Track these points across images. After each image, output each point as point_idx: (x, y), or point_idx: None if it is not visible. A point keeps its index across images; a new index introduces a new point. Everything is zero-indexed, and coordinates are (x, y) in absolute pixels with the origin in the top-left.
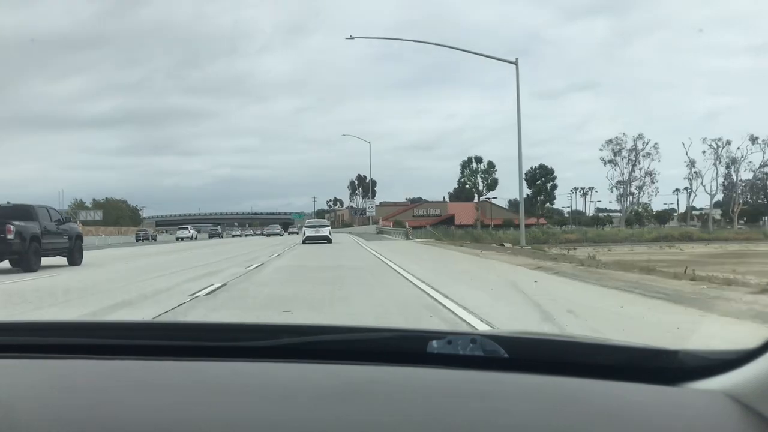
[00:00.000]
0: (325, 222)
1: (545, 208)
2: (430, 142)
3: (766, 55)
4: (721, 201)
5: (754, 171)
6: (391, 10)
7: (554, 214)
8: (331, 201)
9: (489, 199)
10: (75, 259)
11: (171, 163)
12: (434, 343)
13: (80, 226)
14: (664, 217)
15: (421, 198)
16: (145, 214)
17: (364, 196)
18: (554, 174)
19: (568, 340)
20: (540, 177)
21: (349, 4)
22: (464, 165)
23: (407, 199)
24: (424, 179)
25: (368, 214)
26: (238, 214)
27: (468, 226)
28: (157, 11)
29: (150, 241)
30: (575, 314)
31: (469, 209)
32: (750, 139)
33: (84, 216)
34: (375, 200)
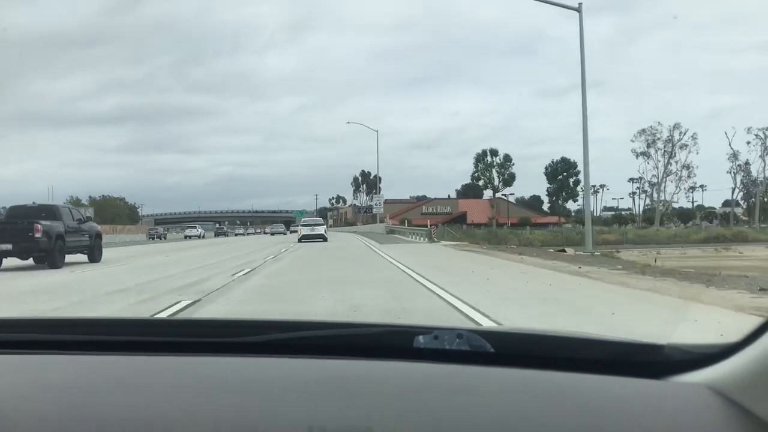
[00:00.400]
0: (320, 221)
1: (559, 206)
2: (432, 141)
3: None
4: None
5: None
6: (393, 7)
7: (565, 213)
8: (333, 199)
9: (506, 195)
10: (95, 256)
11: (173, 161)
12: (421, 338)
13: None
14: (686, 215)
15: (425, 196)
16: (144, 212)
17: (368, 193)
18: (577, 168)
19: (554, 335)
20: (562, 171)
21: (352, 1)
22: (478, 158)
23: (411, 197)
24: (426, 178)
25: (375, 211)
26: (239, 212)
27: (481, 225)
28: (159, 9)
29: (161, 240)
30: None
31: (482, 206)
32: None
33: None
34: (373, 200)
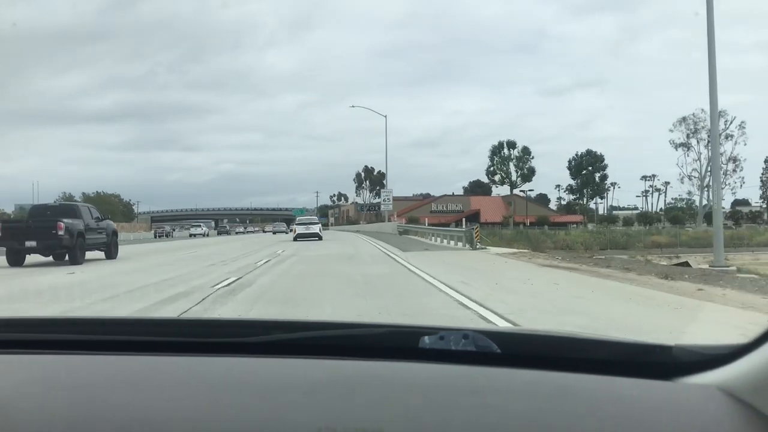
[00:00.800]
0: (315, 219)
1: (583, 204)
2: (434, 139)
3: None
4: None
5: None
6: (395, 4)
7: (583, 212)
8: (335, 196)
9: (524, 191)
10: (112, 253)
11: (174, 159)
12: (426, 338)
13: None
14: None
15: (429, 194)
16: (140, 209)
17: (371, 190)
18: (604, 162)
19: (561, 335)
20: (587, 165)
21: None
22: (494, 151)
23: (414, 195)
24: (427, 177)
25: (383, 208)
26: (238, 209)
27: (496, 224)
28: (159, 5)
29: (167, 238)
30: None
31: (496, 204)
32: None
33: None
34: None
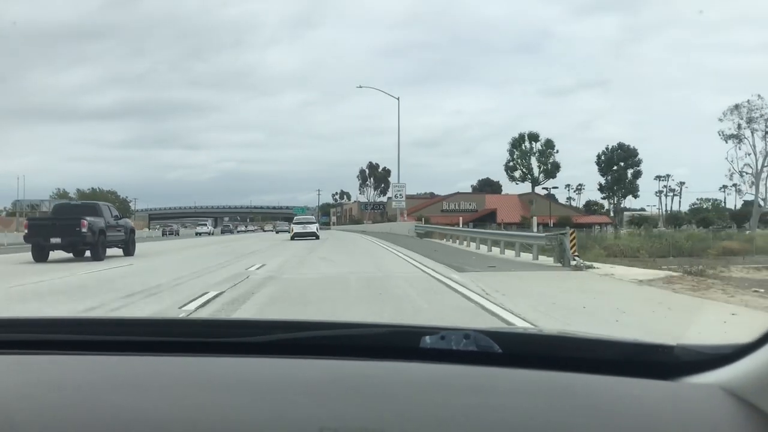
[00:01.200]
0: (312, 219)
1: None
2: (435, 139)
3: None
4: None
5: None
6: (398, 3)
7: (605, 212)
8: (337, 194)
9: (548, 189)
10: (130, 250)
11: (175, 157)
12: (427, 338)
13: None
14: (741, 216)
15: (433, 193)
16: (138, 206)
17: (376, 188)
18: (638, 157)
19: (562, 335)
20: (618, 161)
21: None
22: (514, 144)
23: (417, 194)
24: (429, 176)
25: (395, 206)
26: (238, 208)
27: (514, 225)
28: (162, 2)
29: (175, 236)
30: None
31: (513, 203)
32: None
33: (48, 207)
34: (390, 193)
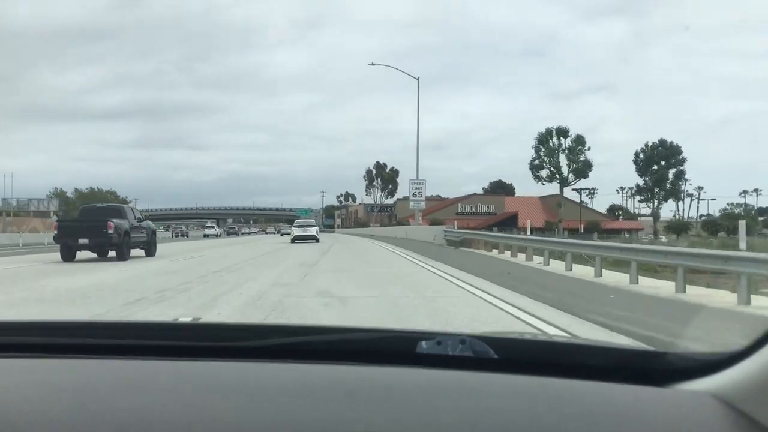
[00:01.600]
0: (312, 222)
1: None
2: (441, 142)
3: None
4: None
5: None
6: (405, 7)
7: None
8: (342, 196)
9: (578, 190)
10: (151, 251)
11: (180, 158)
12: (424, 343)
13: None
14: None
15: (440, 196)
16: (139, 207)
17: (383, 189)
18: (682, 155)
19: (558, 341)
20: (659, 159)
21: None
22: (540, 140)
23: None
24: (434, 179)
25: (413, 206)
26: (240, 209)
27: (538, 230)
28: (168, 3)
29: (184, 237)
30: None
31: (534, 205)
32: None
33: (36, 206)
34: (398, 195)
